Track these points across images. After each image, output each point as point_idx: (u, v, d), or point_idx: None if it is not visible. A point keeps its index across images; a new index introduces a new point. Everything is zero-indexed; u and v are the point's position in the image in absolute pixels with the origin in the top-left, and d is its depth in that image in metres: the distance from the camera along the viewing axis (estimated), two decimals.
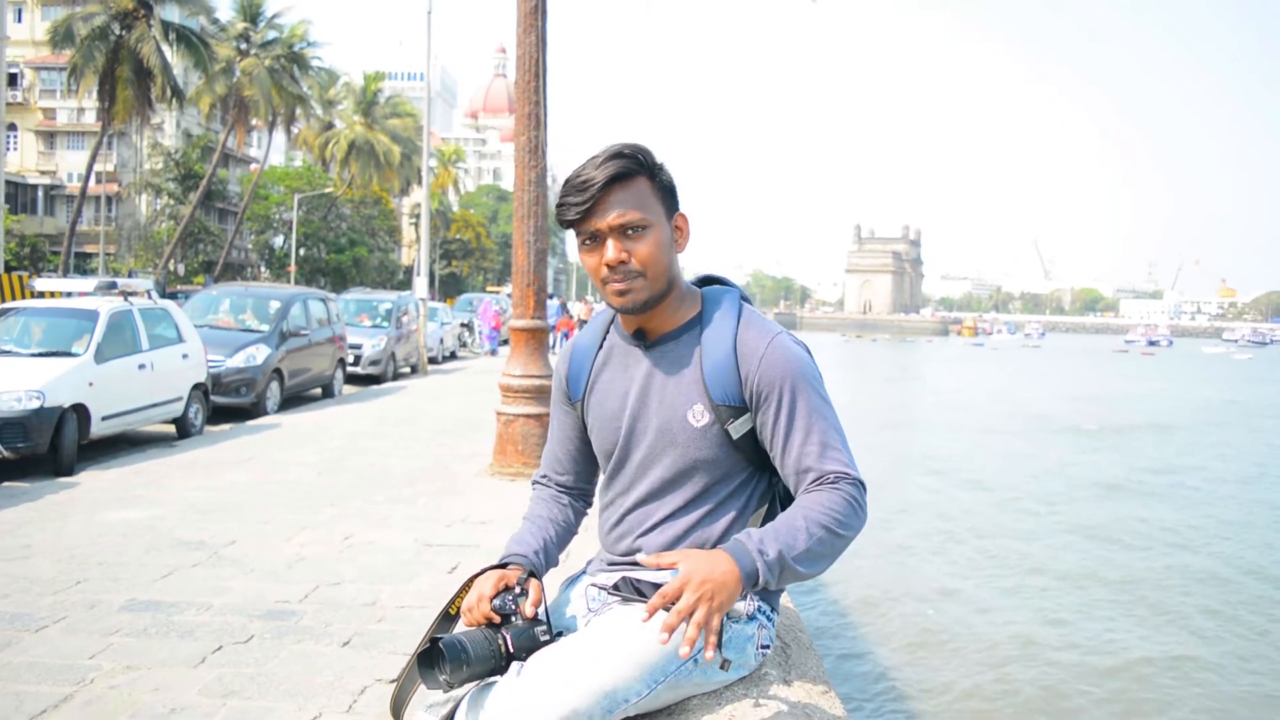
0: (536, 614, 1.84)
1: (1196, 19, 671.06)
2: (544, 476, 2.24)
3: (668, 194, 1.94)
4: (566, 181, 1.89)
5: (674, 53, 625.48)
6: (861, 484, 1.86)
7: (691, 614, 1.62)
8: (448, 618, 1.97)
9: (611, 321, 2.10)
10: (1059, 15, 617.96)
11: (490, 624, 1.82)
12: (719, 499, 1.95)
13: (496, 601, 1.84)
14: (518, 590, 1.86)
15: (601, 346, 2.09)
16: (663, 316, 1.97)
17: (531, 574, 1.97)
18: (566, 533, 2.18)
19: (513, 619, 1.82)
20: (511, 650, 1.77)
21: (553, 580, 2.10)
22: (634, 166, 1.88)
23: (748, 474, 1.98)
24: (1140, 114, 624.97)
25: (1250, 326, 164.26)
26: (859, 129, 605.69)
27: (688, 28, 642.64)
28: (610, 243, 1.86)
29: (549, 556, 2.09)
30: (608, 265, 1.87)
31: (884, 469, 16.68)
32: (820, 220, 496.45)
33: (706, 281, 2.09)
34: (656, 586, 1.87)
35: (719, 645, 1.66)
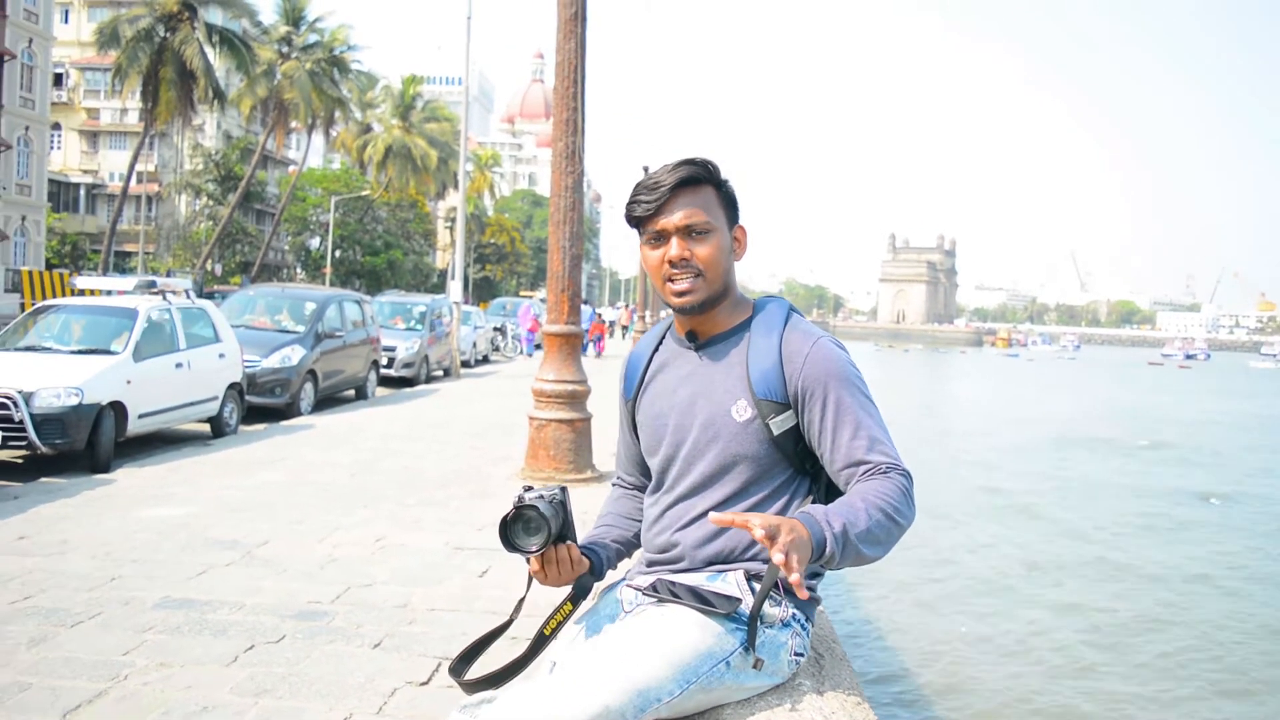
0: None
1: (1232, 29, 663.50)
2: (618, 479, 2.36)
3: (730, 205, 2.06)
4: (639, 184, 2.00)
5: (707, 61, 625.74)
6: (910, 476, 1.92)
7: (789, 549, 1.64)
8: (542, 638, 2.01)
9: (669, 328, 2.18)
10: (1095, 28, 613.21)
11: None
12: (758, 497, 1.99)
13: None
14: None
15: (657, 350, 2.18)
16: (715, 320, 2.06)
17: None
18: (631, 522, 2.27)
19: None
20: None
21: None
22: (703, 174, 2.00)
23: (788, 475, 2.02)
24: (1181, 125, 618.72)
25: None
26: (895, 137, 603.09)
27: (725, 33, 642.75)
28: (675, 240, 1.97)
29: (600, 540, 2.21)
30: (670, 262, 1.98)
31: (928, 489, 16.37)
32: (854, 229, 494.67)
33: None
34: (690, 589, 1.91)
35: (752, 645, 1.80)
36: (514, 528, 1.93)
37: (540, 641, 1.99)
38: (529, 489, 1.97)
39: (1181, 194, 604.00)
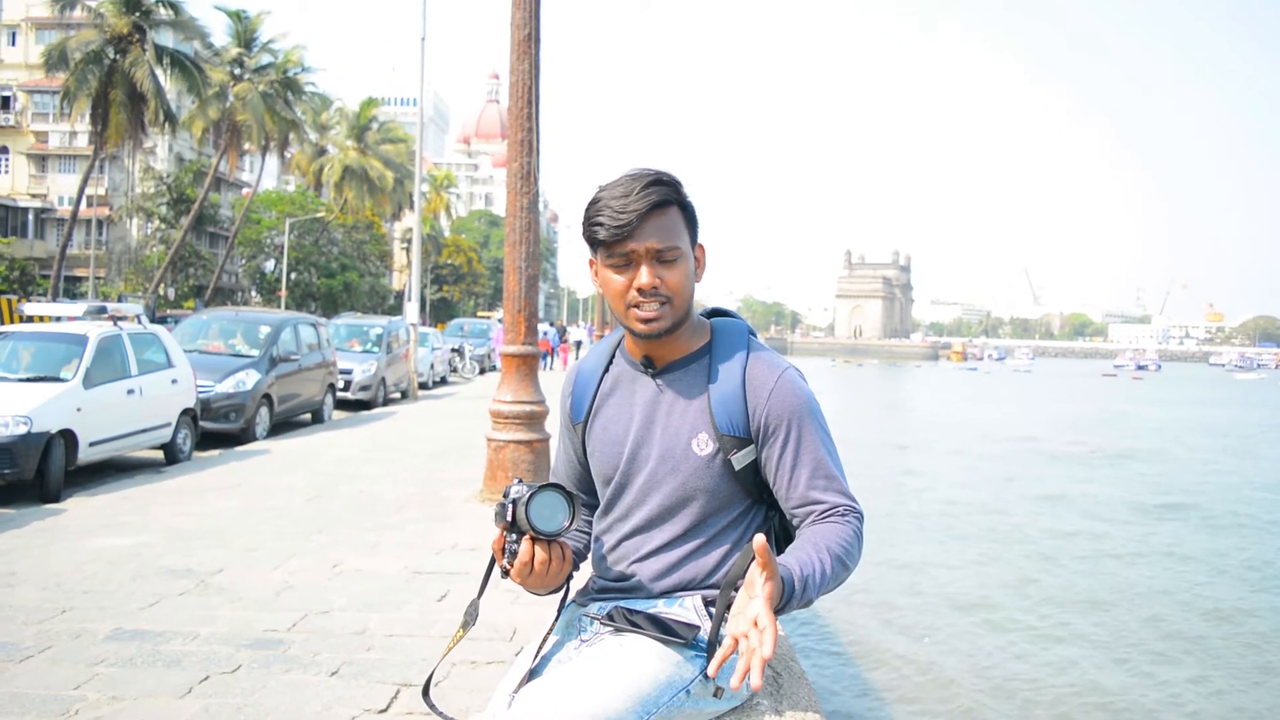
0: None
1: (1182, 38, 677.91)
2: None
3: (692, 224, 1.96)
4: (599, 201, 1.89)
5: (664, 79, 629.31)
6: (863, 516, 1.91)
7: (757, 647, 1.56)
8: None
9: (617, 346, 2.10)
10: (1049, 44, 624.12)
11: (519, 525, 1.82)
12: (716, 529, 1.96)
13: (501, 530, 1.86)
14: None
15: (607, 371, 2.10)
16: (674, 345, 1.98)
17: None
18: (580, 534, 2.18)
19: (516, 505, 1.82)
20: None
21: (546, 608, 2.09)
22: (672, 195, 1.90)
23: (745, 506, 1.99)
24: (1128, 141, 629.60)
25: (1238, 351, 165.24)
26: (850, 155, 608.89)
27: (678, 51, 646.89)
28: (644, 267, 1.87)
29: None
30: (639, 289, 1.87)
31: (890, 502, 16.49)
32: (811, 246, 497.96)
33: (713, 314, 2.10)
34: (649, 615, 1.88)
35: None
36: (534, 505, 1.78)
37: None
38: (519, 481, 1.83)
39: (1132, 207, 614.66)
